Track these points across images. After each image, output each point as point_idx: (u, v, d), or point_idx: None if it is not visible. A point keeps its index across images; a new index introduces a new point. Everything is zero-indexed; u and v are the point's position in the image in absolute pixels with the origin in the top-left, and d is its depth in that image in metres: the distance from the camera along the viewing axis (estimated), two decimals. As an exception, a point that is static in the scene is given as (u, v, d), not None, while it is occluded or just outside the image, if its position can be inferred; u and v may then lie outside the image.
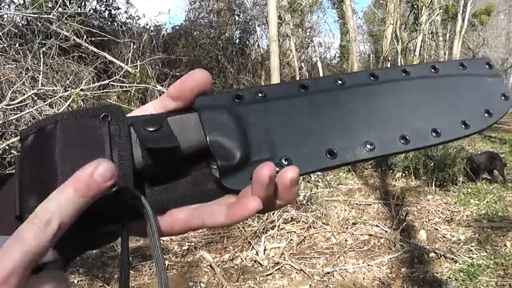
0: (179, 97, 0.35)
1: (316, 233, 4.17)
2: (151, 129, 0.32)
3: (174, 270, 3.47)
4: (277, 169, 0.32)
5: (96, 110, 0.32)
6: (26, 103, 4.04)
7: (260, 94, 0.38)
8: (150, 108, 0.36)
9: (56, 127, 0.31)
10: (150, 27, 8.76)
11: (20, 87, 4.14)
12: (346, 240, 4.10)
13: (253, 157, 0.35)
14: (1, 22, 4.94)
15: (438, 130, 0.40)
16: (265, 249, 3.76)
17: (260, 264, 3.58)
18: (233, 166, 0.33)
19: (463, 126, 0.41)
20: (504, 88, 0.45)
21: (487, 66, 0.46)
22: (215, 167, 0.34)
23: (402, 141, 0.39)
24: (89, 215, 0.28)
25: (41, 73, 4.33)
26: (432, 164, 5.90)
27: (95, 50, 6.10)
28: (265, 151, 0.35)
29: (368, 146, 0.37)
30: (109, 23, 7.68)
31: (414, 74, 0.43)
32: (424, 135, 0.39)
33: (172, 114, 0.35)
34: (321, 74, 8.75)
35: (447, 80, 0.44)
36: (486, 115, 0.43)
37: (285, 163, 0.35)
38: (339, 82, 0.41)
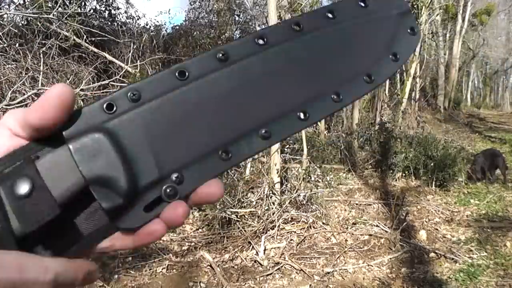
0: (42, 126, 0.29)
1: (316, 233, 4.17)
2: (22, 192, 0.27)
3: (174, 270, 3.47)
4: (169, 190, 0.31)
5: None
6: (26, 103, 4.04)
7: (133, 96, 0.32)
8: (8, 126, 0.30)
9: None
10: (150, 27, 8.77)
11: (20, 87, 4.14)
12: (346, 240, 4.10)
13: (141, 181, 0.30)
14: (1, 22, 4.94)
15: (339, 95, 0.35)
16: (265, 249, 3.76)
17: (260, 264, 3.58)
18: (122, 204, 0.30)
19: (366, 80, 0.36)
20: (412, 22, 0.40)
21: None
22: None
23: (301, 117, 0.34)
24: None
25: (41, 73, 4.34)
26: (432, 164, 5.90)
27: (95, 50, 6.09)
28: (153, 169, 0.31)
29: (264, 133, 0.33)
30: (109, 23, 7.68)
31: (307, 27, 0.37)
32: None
33: (39, 144, 0.30)
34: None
35: (344, 28, 0.38)
36: (392, 58, 0.37)
37: (176, 180, 0.31)
38: (221, 55, 0.34)
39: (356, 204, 5.17)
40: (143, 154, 0.31)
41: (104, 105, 0.31)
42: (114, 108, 0.31)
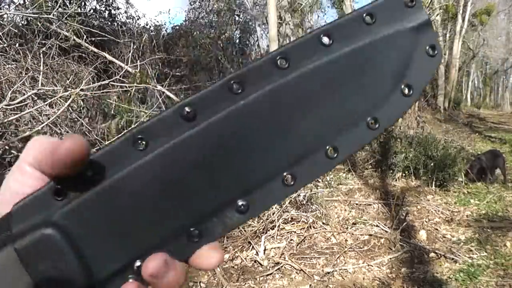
0: (54, 174, 0.26)
1: (316, 233, 4.17)
2: None
3: (174, 270, 3.47)
4: (130, 281, 0.27)
5: None
6: (26, 103, 4.04)
7: (89, 173, 0.27)
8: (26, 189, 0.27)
9: None
10: (150, 27, 8.77)
11: (20, 87, 4.14)
12: (346, 240, 4.10)
13: (100, 275, 0.27)
14: (1, 22, 4.94)
15: (336, 149, 0.29)
16: (265, 249, 3.76)
17: (260, 264, 3.58)
18: None
19: (371, 125, 0.29)
20: (432, 38, 0.30)
21: (408, 3, 0.31)
22: None
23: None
24: None
25: (41, 73, 4.33)
26: (432, 164, 5.90)
27: (95, 50, 6.09)
28: (113, 259, 0.27)
29: (240, 206, 0.28)
30: (109, 23, 7.68)
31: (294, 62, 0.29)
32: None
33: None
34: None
35: (341, 60, 0.29)
36: (405, 92, 0.29)
37: (138, 270, 0.27)
38: (186, 112, 0.28)
39: (356, 204, 5.17)
40: (101, 243, 0.27)
41: (53, 191, 0.27)
42: (65, 193, 0.27)
